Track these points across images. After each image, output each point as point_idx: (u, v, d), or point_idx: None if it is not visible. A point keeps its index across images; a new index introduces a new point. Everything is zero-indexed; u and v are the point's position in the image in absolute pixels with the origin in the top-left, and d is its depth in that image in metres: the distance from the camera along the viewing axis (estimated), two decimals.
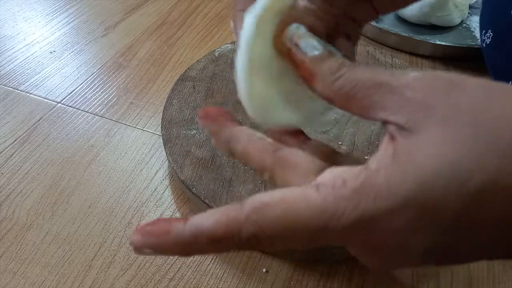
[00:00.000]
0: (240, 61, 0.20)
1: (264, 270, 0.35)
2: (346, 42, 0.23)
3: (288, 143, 0.22)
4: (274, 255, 0.35)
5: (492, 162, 0.14)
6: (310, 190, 0.16)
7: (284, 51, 0.20)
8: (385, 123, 0.17)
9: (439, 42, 0.57)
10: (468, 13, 0.63)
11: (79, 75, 0.54)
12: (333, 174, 0.17)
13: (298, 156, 0.19)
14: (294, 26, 0.20)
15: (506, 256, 0.16)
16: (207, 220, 0.17)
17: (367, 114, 0.17)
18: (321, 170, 0.18)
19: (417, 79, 0.16)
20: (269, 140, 0.20)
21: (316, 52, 0.19)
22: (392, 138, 0.16)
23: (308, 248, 0.29)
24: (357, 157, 0.17)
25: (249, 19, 0.20)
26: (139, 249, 0.18)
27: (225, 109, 0.22)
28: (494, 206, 0.14)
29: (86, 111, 0.49)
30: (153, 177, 0.42)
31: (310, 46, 0.19)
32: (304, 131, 0.23)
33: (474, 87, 0.16)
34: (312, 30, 0.20)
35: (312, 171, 0.18)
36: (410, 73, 0.16)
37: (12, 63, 0.55)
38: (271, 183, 0.19)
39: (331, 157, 0.21)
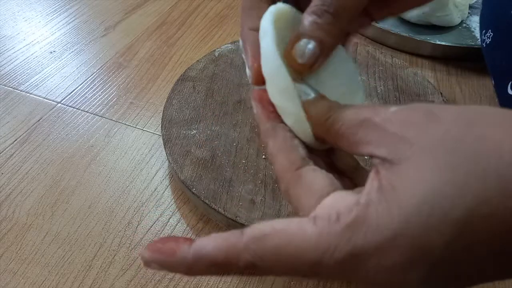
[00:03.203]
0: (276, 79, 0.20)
1: None
2: None
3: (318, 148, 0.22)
4: None
5: (473, 190, 0.14)
6: (308, 224, 0.17)
7: (295, 67, 0.21)
8: (371, 157, 0.17)
9: (439, 42, 0.57)
10: (468, 13, 0.63)
11: (79, 75, 0.54)
12: (331, 205, 0.18)
13: (317, 178, 0.19)
14: (303, 41, 0.20)
15: (505, 276, 0.16)
16: (209, 244, 0.18)
17: (355, 150, 0.18)
18: (335, 190, 0.19)
19: (396, 113, 0.17)
20: (301, 152, 0.20)
21: (309, 97, 0.20)
22: (377, 171, 0.17)
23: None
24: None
25: (267, 42, 0.20)
26: (148, 263, 0.19)
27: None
28: (482, 235, 0.15)
29: (86, 111, 0.49)
30: (153, 177, 0.42)
31: (303, 92, 0.20)
32: None
33: (451, 116, 0.16)
34: (321, 44, 0.20)
35: (325, 194, 0.18)
36: (391, 107, 0.17)
37: (12, 63, 0.55)
38: (284, 196, 0.20)
39: (353, 171, 0.22)
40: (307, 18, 0.20)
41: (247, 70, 0.23)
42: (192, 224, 0.38)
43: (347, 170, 0.22)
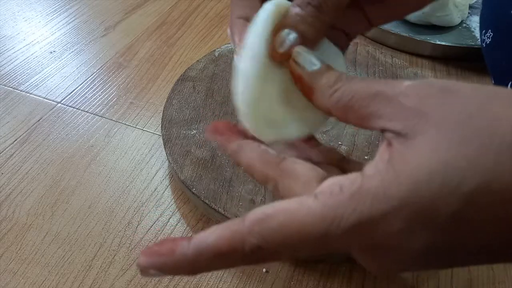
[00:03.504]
0: (245, 73, 0.20)
1: (264, 270, 0.35)
2: None
3: (299, 148, 0.23)
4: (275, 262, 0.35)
5: (485, 163, 0.14)
6: (310, 199, 0.17)
7: (275, 56, 0.20)
8: (382, 131, 0.17)
9: (439, 42, 0.57)
10: (468, 13, 0.63)
11: (79, 75, 0.54)
12: (331, 182, 0.17)
13: (300, 167, 0.19)
14: (285, 32, 0.20)
15: (507, 260, 0.16)
16: (210, 236, 0.18)
17: (365, 123, 0.18)
18: (322, 179, 0.18)
19: (411, 87, 0.17)
20: (273, 151, 0.20)
21: (314, 67, 0.19)
22: (389, 144, 0.16)
23: (313, 255, 0.30)
24: (364, 163, 0.17)
25: (256, 30, 0.20)
26: (145, 270, 0.18)
27: (232, 123, 0.23)
28: (489, 207, 0.15)
29: (86, 111, 0.49)
30: (153, 177, 0.42)
31: (308, 61, 0.20)
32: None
33: (467, 92, 0.16)
34: (303, 37, 0.20)
35: (314, 180, 0.18)
36: (404, 81, 0.17)
37: (12, 63, 0.55)
38: (274, 194, 0.20)
39: (340, 162, 0.22)
40: (292, 10, 0.20)
41: (235, 58, 0.23)
42: (192, 224, 0.38)
43: (333, 164, 0.22)
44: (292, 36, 0.20)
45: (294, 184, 0.19)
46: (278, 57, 0.20)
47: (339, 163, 0.22)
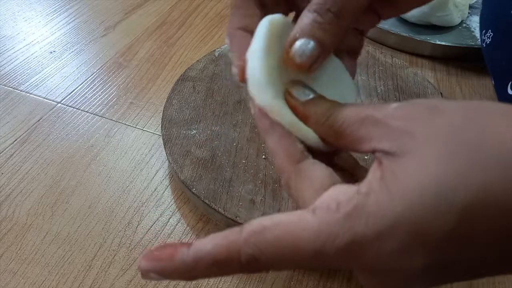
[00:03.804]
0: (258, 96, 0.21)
1: None
2: (347, 58, 0.23)
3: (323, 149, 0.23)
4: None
5: (476, 178, 0.14)
6: (307, 214, 0.17)
7: (293, 67, 0.20)
8: (373, 152, 0.17)
9: (439, 42, 0.57)
10: (468, 13, 0.63)
11: (79, 75, 0.54)
12: (330, 196, 0.18)
13: (318, 171, 0.19)
14: (303, 41, 0.20)
15: (506, 271, 0.16)
16: (208, 244, 0.18)
17: (357, 147, 0.18)
18: (335, 184, 0.19)
19: (398, 109, 0.17)
20: (300, 146, 0.20)
21: (308, 97, 0.20)
22: (380, 163, 0.17)
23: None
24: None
25: (258, 45, 0.20)
26: (145, 273, 0.18)
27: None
28: (484, 221, 0.15)
29: (86, 111, 0.49)
30: (153, 177, 0.42)
31: (302, 93, 0.20)
32: None
33: (452, 109, 0.16)
34: (322, 44, 0.20)
35: (326, 186, 0.19)
36: (391, 104, 0.18)
37: (12, 63, 0.55)
38: (285, 189, 0.20)
39: (354, 169, 0.22)
40: (308, 16, 0.20)
41: (233, 68, 0.23)
42: (192, 224, 0.38)
43: (347, 168, 0.22)
44: (311, 45, 0.20)
45: (306, 187, 0.19)
46: (297, 67, 0.20)
47: (352, 169, 0.22)
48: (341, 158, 0.22)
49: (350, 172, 0.22)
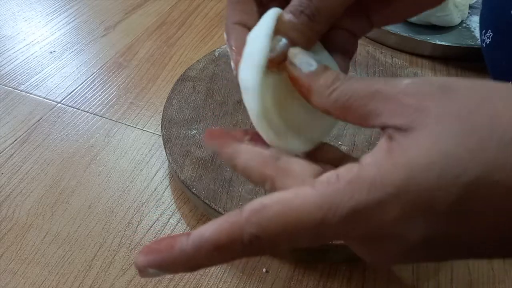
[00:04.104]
0: (247, 79, 0.20)
1: (264, 270, 0.35)
2: (340, 57, 0.23)
3: None
4: (274, 255, 0.35)
5: (486, 155, 0.14)
6: (307, 188, 0.17)
7: (269, 64, 0.20)
8: (383, 128, 0.17)
9: (439, 42, 0.57)
10: (468, 13, 0.63)
11: (79, 75, 0.54)
12: (328, 173, 0.17)
13: (297, 164, 0.19)
14: (277, 38, 0.20)
15: (506, 254, 0.16)
16: (208, 229, 0.17)
17: (365, 122, 0.18)
18: (319, 174, 0.18)
19: (411, 85, 0.17)
20: (268, 152, 0.20)
21: (311, 68, 0.19)
22: (390, 137, 0.17)
23: (311, 247, 0.29)
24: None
25: (255, 39, 0.20)
26: (143, 270, 0.18)
27: (227, 129, 0.23)
28: (489, 199, 0.15)
29: (86, 111, 0.49)
30: (153, 177, 0.42)
31: (305, 62, 0.19)
32: None
33: (466, 88, 0.16)
34: (293, 44, 0.20)
35: (311, 176, 0.18)
36: (403, 80, 0.17)
37: (12, 63, 0.55)
38: (273, 192, 0.20)
39: (340, 161, 0.21)
40: (285, 16, 0.20)
41: (232, 63, 0.23)
42: (192, 224, 0.38)
43: (331, 163, 0.22)
44: (283, 42, 0.20)
45: (291, 182, 0.19)
46: (269, 62, 0.20)
47: (339, 162, 0.22)
48: (322, 153, 0.22)
49: (335, 164, 0.21)
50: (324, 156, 0.22)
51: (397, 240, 0.16)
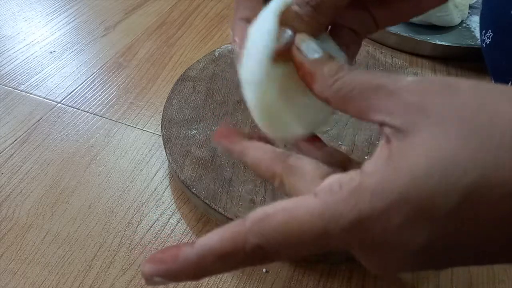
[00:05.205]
0: (251, 71, 0.21)
1: (264, 270, 0.35)
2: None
3: (304, 149, 0.23)
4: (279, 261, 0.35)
5: (485, 158, 0.14)
6: (309, 198, 0.17)
7: (275, 55, 0.20)
8: (381, 125, 0.17)
9: (439, 42, 0.57)
10: (468, 13, 0.63)
11: (79, 75, 0.54)
12: (331, 180, 0.17)
13: (306, 163, 0.19)
14: (281, 30, 0.20)
15: (509, 261, 0.16)
16: (212, 238, 0.18)
17: (364, 116, 0.18)
18: (327, 175, 0.19)
19: (414, 83, 0.17)
20: (278, 149, 0.20)
21: (316, 55, 0.19)
22: (388, 141, 0.16)
23: (314, 253, 0.29)
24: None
25: (262, 31, 0.20)
26: (149, 278, 0.18)
27: (236, 128, 0.23)
28: (490, 204, 0.14)
29: (86, 111, 0.49)
30: (153, 177, 0.42)
31: (311, 49, 0.19)
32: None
33: (467, 88, 0.16)
34: (296, 32, 0.20)
35: (319, 177, 0.19)
36: (407, 77, 0.17)
37: (12, 63, 0.55)
38: (280, 191, 0.20)
39: (344, 164, 0.22)
40: (292, 8, 0.20)
41: (235, 58, 0.23)
42: (192, 224, 0.38)
43: (338, 165, 0.22)
44: (288, 34, 0.20)
45: (299, 181, 0.19)
46: (275, 52, 0.20)
47: (344, 164, 0.22)
48: (329, 154, 0.22)
49: (342, 167, 0.21)
50: (332, 159, 0.22)
51: (400, 248, 0.16)
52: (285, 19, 0.20)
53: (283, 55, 0.20)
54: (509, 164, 0.14)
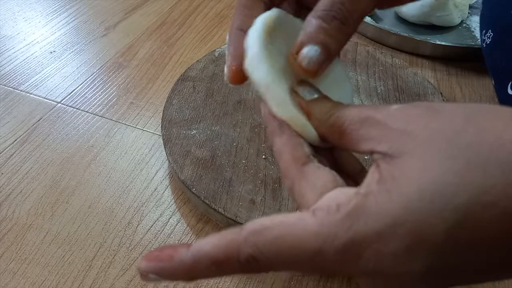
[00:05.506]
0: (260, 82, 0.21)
1: None
2: None
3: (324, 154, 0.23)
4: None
5: (474, 178, 0.14)
6: (307, 215, 0.17)
7: (300, 72, 0.21)
8: (371, 153, 0.17)
9: (439, 42, 0.57)
10: (468, 13, 0.63)
11: (79, 75, 0.54)
12: (330, 198, 0.18)
13: (320, 175, 0.19)
14: (309, 47, 0.20)
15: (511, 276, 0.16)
16: (207, 243, 0.18)
17: (356, 147, 0.18)
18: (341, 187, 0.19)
19: (398, 110, 0.17)
20: (306, 149, 0.20)
21: (313, 97, 0.21)
22: (377, 165, 0.17)
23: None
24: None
25: (255, 41, 0.21)
26: (145, 274, 0.18)
27: None
28: (485, 223, 0.14)
29: (86, 111, 0.49)
30: (153, 177, 0.42)
31: (307, 92, 0.21)
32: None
33: (452, 111, 0.16)
34: (327, 50, 0.20)
35: (328, 190, 0.19)
36: (392, 105, 0.18)
37: (12, 63, 0.55)
38: (289, 192, 0.20)
39: (356, 174, 0.22)
40: (313, 22, 0.20)
41: (225, 68, 0.23)
42: (192, 224, 0.38)
43: (352, 173, 0.22)
44: (317, 51, 0.20)
45: (309, 191, 0.19)
46: (304, 73, 0.21)
47: (355, 174, 0.22)
48: (346, 161, 0.22)
49: (354, 179, 0.22)
50: (348, 166, 0.22)
51: (399, 275, 0.16)
52: (309, 36, 0.20)
53: (315, 76, 0.21)
54: (499, 183, 0.14)
